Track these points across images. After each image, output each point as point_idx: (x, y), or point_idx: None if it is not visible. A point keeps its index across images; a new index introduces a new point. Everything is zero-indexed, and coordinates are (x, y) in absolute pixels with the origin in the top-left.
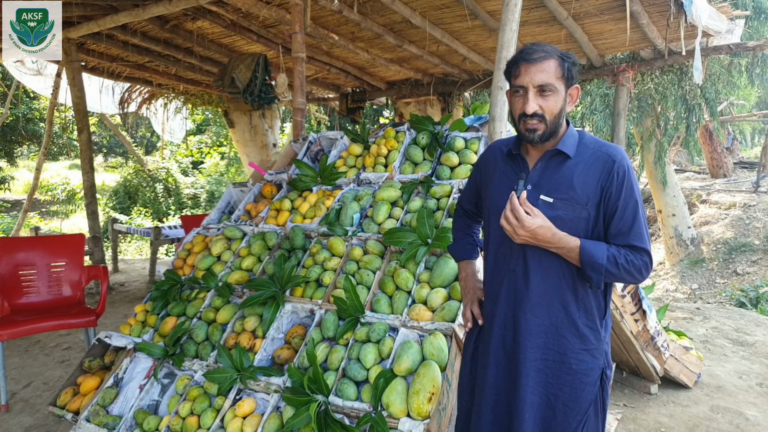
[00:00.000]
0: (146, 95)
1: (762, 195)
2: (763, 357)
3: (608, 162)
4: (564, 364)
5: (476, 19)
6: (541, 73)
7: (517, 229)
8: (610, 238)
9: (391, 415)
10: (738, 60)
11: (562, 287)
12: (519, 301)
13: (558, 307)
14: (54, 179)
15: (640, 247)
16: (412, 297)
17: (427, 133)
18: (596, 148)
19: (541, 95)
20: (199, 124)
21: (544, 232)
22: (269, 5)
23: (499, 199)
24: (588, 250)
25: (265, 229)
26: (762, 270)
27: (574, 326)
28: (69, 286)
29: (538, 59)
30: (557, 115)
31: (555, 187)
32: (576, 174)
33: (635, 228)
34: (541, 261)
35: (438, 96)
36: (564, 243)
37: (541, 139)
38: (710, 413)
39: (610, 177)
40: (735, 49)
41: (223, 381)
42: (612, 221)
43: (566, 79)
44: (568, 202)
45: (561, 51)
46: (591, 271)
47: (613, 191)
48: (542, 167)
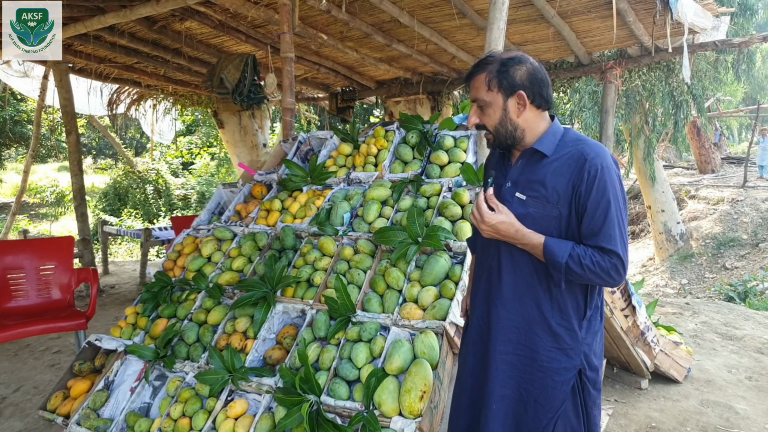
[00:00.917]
0: (135, 96)
1: (749, 190)
2: (751, 351)
3: (580, 160)
4: (535, 360)
5: (464, 17)
6: (474, 89)
7: (479, 223)
8: (582, 238)
9: (383, 414)
10: (724, 56)
11: (534, 285)
12: (493, 295)
13: (530, 304)
14: (42, 181)
15: (608, 248)
16: (403, 296)
17: (417, 132)
18: (573, 146)
19: (480, 109)
20: (189, 125)
21: (506, 228)
22: (257, 5)
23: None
24: (550, 248)
25: (256, 229)
26: (750, 264)
27: (547, 324)
28: (58, 289)
29: (471, 75)
30: (498, 125)
31: (528, 184)
32: (549, 172)
33: (605, 229)
34: (513, 257)
35: (427, 95)
36: (528, 240)
37: (499, 147)
38: (700, 407)
39: (581, 175)
40: (721, 45)
41: (214, 382)
42: (583, 221)
43: (501, 89)
44: (538, 199)
45: (501, 59)
46: (552, 269)
47: (583, 190)
48: (522, 165)
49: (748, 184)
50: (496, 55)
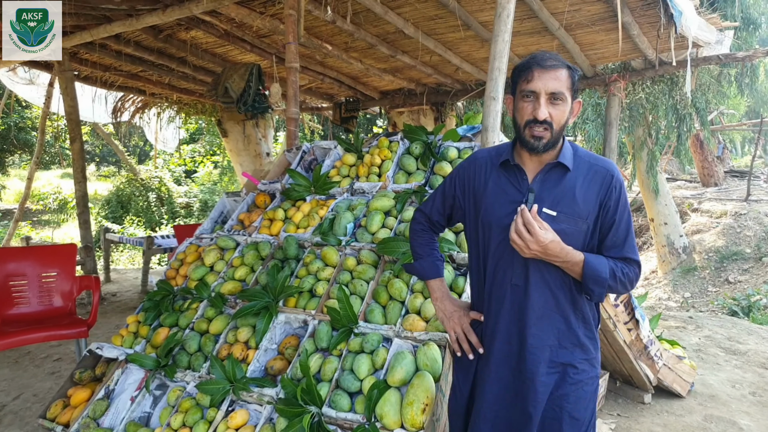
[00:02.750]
0: (139, 104)
1: (752, 203)
2: (755, 366)
3: (607, 177)
4: (567, 375)
5: (469, 29)
6: (555, 80)
7: (530, 243)
8: (604, 250)
9: (385, 427)
10: (728, 70)
11: (561, 299)
12: (523, 315)
13: (559, 320)
14: (46, 188)
15: (633, 259)
16: (406, 307)
17: (421, 143)
18: (593, 162)
19: (552, 103)
20: (193, 133)
21: (555, 246)
22: (263, 15)
23: (498, 211)
24: (592, 265)
25: (259, 239)
26: (753, 278)
27: (575, 336)
28: (60, 296)
29: (553, 66)
30: (562, 126)
31: (558, 200)
32: (577, 187)
33: (629, 240)
34: (543, 274)
35: (431, 105)
36: (570, 257)
37: (545, 148)
38: (704, 422)
39: (609, 191)
40: (724, 59)
41: (215, 392)
42: (608, 234)
43: (573, 91)
44: (571, 215)
45: (568, 63)
46: (593, 285)
47: (611, 205)
48: (542, 179)
49: (751, 198)
50: (558, 56)
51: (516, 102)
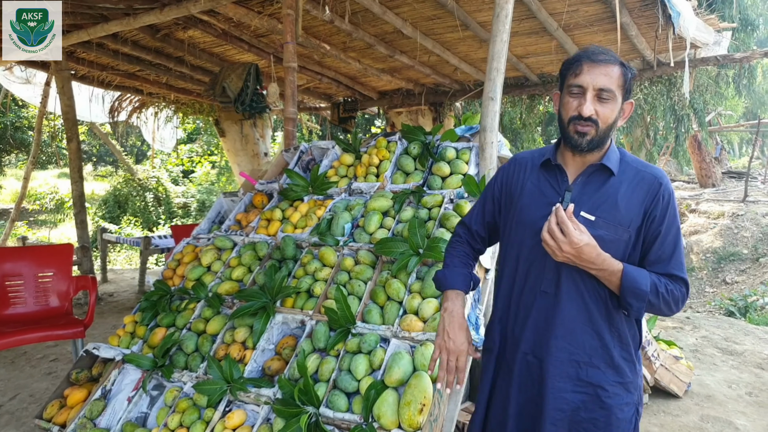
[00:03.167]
0: (137, 104)
1: (750, 204)
2: (752, 366)
3: (654, 184)
4: (598, 397)
5: (467, 29)
6: (605, 76)
7: (563, 245)
8: (647, 264)
9: (382, 427)
10: (725, 71)
11: (595, 313)
12: (550, 325)
13: (592, 334)
14: (42, 188)
15: (679, 276)
16: (404, 307)
17: (419, 143)
18: (640, 168)
19: (600, 100)
20: (190, 133)
21: (590, 251)
22: (261, 15)
23: (534, 212)
24: (631, 276)
25: (256, 239)
26: (750, 279)
27: (609, 356)
28: (56, 296)
29: (604, 61)
30: (610, 126)
31: (598, 204)
32: (621, 193)
33: (676, 256)
34: (576, 283)
35: (429, 106)
36: (607, 265)
37: (590, 146)
38: (700, 423)
39: (655, 200)
40: (722, 60)
41: (212, 392)
42: (652, 247)
43: (625, 90)
44: (611, 222)
45: (621, 60)
46: (632, 298)
47: (657, 215)
48: (583, 182)
49: (748, 199)
50: (612, 52)
51: (562, 97)
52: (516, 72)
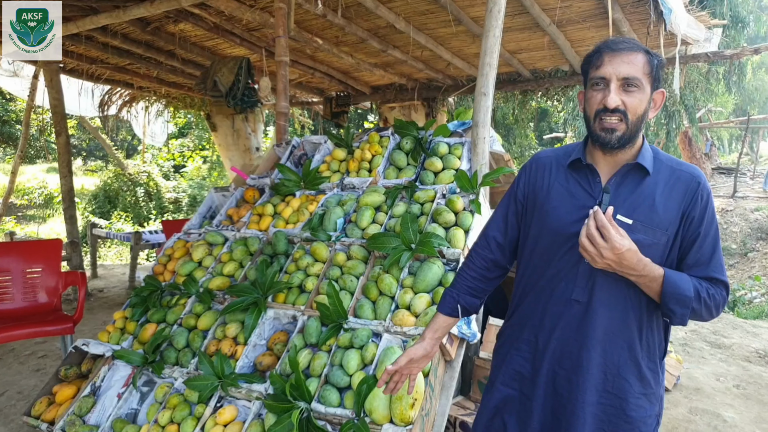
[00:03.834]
0: (127, 98)
1: (739, 200)
2: (739, 359)
3: (692, 183)
4: (622, 410)
5: (460, 24)
6: (628, 64)
7: (604, 251)
8: (685, 268)
9: (374, 422)
10: (716, 68)
11: (628, 322)
12: (581, 336)
13: (622, 345)
14: (31, 183)
15: (720, 279)
16: (396, 302)
17: (411, 138)
18: (675, 167)
19: (625, 90)
20: (182, 128)
21: (631, 256)
22: (253, 8)
23: (564, 217)
24: (674, 281)
25: (247, 234)
26: (739, 273)
27: (637, 367)
28: (45, 292)
29: (625, 49)
30: (640, 117)
31: (634, 206)
32: (658, 193)
33: (715, 258)
34: (611, 291)
35: (422, 101)
36: (648, 271)
37: (620, 143)
38: (689, 415)
39: (694, 200)
40: (713, 57)
41: (203, 388)
42: (691, 249)
43: (653, 79)
44: (648, 225)
45: (647, 48)
46: (675, 305)
47: (696, 216)
48: (618, 182)
49: (737, 195)
50: (635, 40)
51: (586, 93)
52: (509, 67)
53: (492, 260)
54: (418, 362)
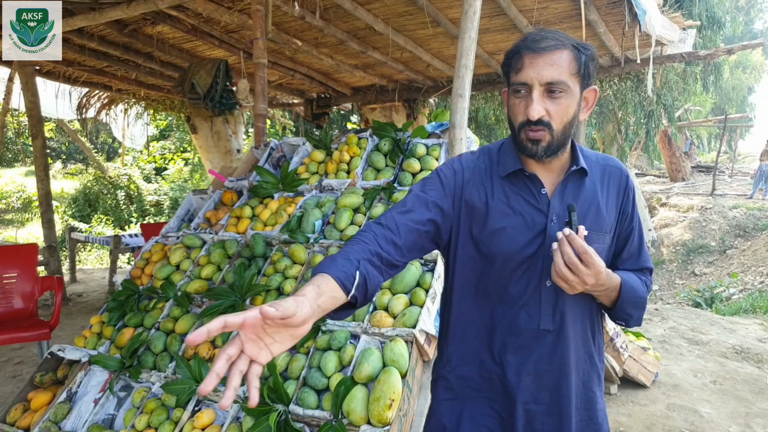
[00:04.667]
0: (105, 100)
1: (718, 198)
2: (716, 355)
3: (622, 179)
4: (591, 420)
5: (438, 26)
6: (551, 66)
7: (587, 278)
8: (620, 262)
9: (352, 423)
10: (692, 68)
11: (587, 333)
12: (557, 365)
13: (585, 358)
14: (9, 187)
15: (649, 268)
16: (374, 303)
17: (389, 140)
18: (602, 162)
19: (550, 96)
20: (163, 130)
21: (605, 278)
22: (230, 10)
23: (515, 240)
24: (630, 286)
25: (225, 237)
26: (718, 271)
27: (597, 374)
28: (21, 297)
29: (548, 48)
30: (568, 124)
31: (583, 215)
32: (600, 196)
33: (643, 247)
34: (575, 309)
35: (403, 102)
36: (612, 282)
37: (547, 153)
38: (667, 411)
39: (626, 195)
40: (687, 57)
41: (181, 392)
42: (626, 244)
43: (582, 77)
44: (599, 231)
45: (576, 40)
46: (632, 308)
47: (629, 211)
48: (560, 191)
49: (716, 192)
50: (560, 33)
51: (509, 98)
52: (488, 68)
53: (388, 252)
54: (290, 325)
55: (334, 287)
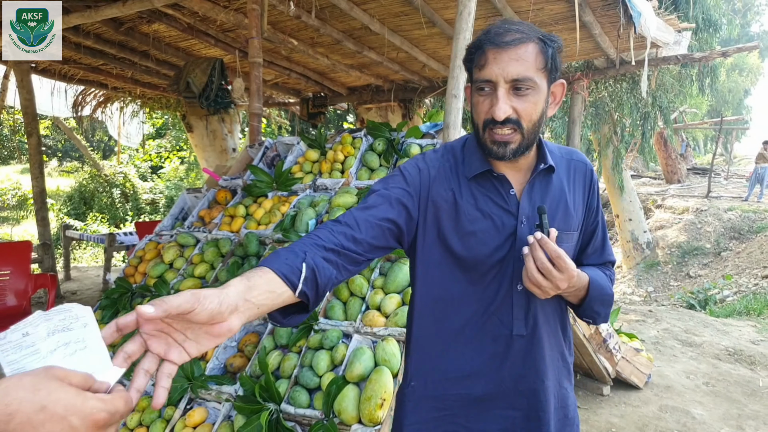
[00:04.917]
0: (101, 98)
1: (713, 200)
2: (709, 357)
3: (587, 173)
4: (567, 417)
5: (434, 27)
6: (517, 62)
7: (561, 282)
8: (585, 257)
9: (343, 422)
10: (688, 70)
11: (558, 333)
12: (532, 368)
13: (558, 358)
14: (4, 184)
15: (612, 261)
16: (366, 303)
17: (384, 140)
18: (568, 157)
19: (516, 94)
20: (159, 128)
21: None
22: (226, 9)
23: (485, 244)
24: (598, 284)
25: (219, 235)
26: (713, 273)
27: (568, 370)
28: (14, 295)
29: (512, 42)
30: (537, 122)
31: (552, 214)
32: (567, 193)
33: (606, 241)
34: (546, 311)
35: (399, 102)
36: (582, 282)
37: (515, 155)
38: (659, 413)
39: (591, 190)
40: (682, 59)
41: (173, 390)
42: (591, 239)
43: (549, 71)
44: (568, 230)
45: (541, 31)
46: (600, 306)
47: (594, 205)
48: (528, 190)
49: (711, 194)
50: (524, 25)
51: (472, 96)
52: None
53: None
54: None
55: (273, 280)
